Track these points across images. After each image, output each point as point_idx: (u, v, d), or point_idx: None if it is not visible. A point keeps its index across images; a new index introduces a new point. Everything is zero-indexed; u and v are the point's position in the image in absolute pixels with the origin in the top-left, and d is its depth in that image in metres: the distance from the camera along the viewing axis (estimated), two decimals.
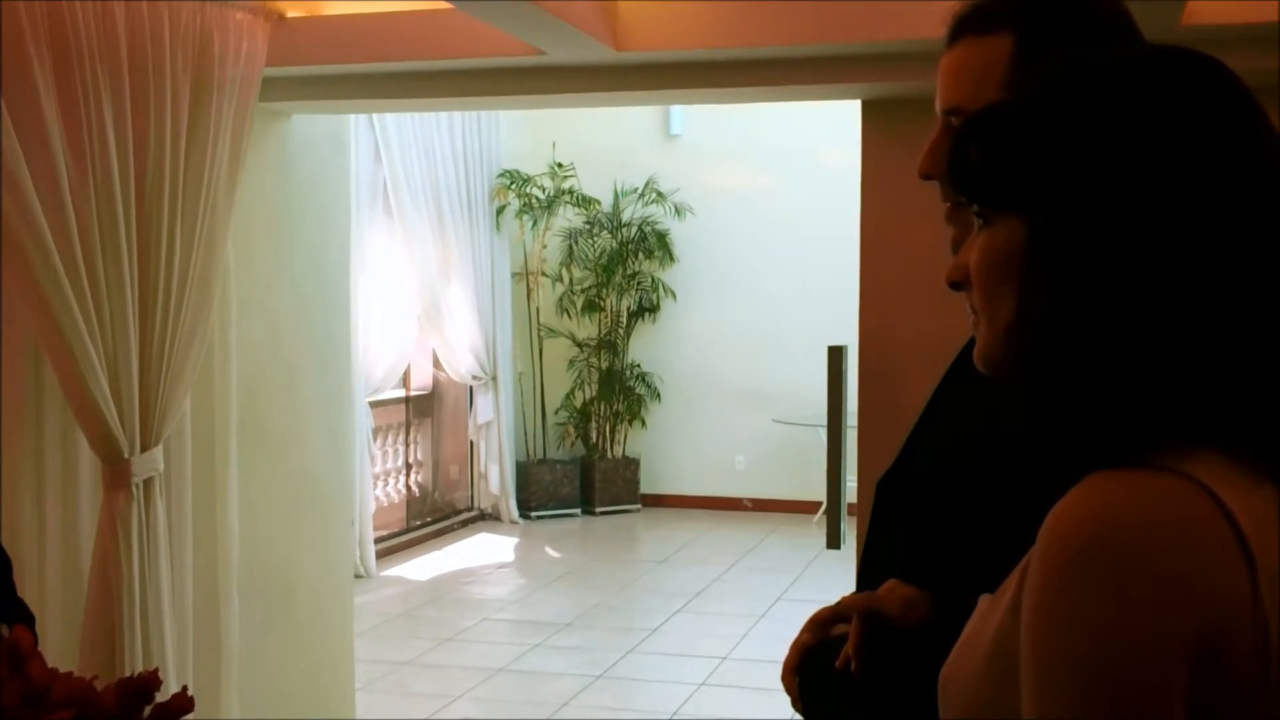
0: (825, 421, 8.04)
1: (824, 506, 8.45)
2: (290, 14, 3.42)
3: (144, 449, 2.83)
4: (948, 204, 1.33)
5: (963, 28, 1.30)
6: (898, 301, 3.41)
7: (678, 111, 8.82)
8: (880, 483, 1.48)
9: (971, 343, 1.49)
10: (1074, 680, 0.78)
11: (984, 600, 0.95)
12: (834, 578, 7.03)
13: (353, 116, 4.60)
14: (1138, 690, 0.77)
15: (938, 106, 1.33)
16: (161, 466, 2.89)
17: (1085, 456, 0.86)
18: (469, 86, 3.53)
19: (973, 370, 1.39)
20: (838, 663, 1.27)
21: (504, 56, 3.34)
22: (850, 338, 3.60)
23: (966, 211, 1.30)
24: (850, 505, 3.68)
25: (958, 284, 0.99)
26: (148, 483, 2.85)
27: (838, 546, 3.69)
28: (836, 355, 3.68)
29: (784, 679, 1.38)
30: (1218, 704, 0.79)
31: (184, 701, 1.25)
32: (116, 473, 2.79)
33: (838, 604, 1.38)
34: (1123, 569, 0.77)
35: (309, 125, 4.00)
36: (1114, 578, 0.77)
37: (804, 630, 1.37)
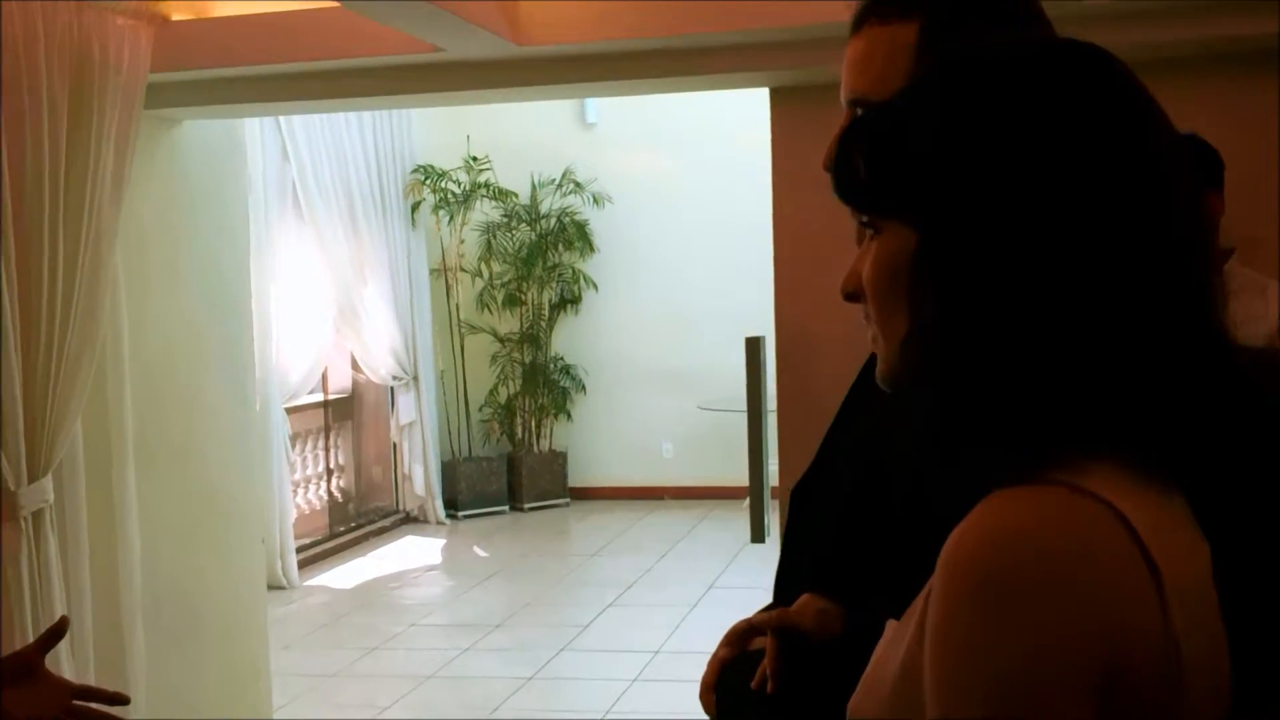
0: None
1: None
2: (176, 16, 3.29)
3: (32, 479, 2.70)
4: None
5: (866, 15, 1.27)
6: (812, 289, 3.38)
7: (593, 100, 8.74)
8: (794, 491, 1.45)
9: None
10: (980, 702, 0.75)
11: (890, 627, 0.93)
12: (766, 563, 7.02)
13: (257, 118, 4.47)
14: (1049, 713, 0.74)
15: (842, 96, 1.30)
16: (52, 497, 2.76)
17: (982, 471, 0.83)
18: (367, 85, 3.43)
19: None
20: (754, 681, 1.25)
21: (401, 54, 3.24)
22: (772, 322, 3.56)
23: None
24: (774, 489, 3.63)
25: (852, 295, 0.94)
26: (37, 514, 2.72)
27: (763, 540, 3.65)
28: (754, 346, 3.64)
29: (702, 695, 1.35)
30: None
31: None
32: (3, 505, 2.66)
33: (752, 618, 1.36)
34: (1027, 596, 0.75)
35: (202, 130, 3.87)
36: (1019, 606, 0.75)
37: (721, 645, 1.35)
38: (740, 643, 1.33)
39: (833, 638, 1.22)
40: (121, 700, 1.62)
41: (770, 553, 5.61)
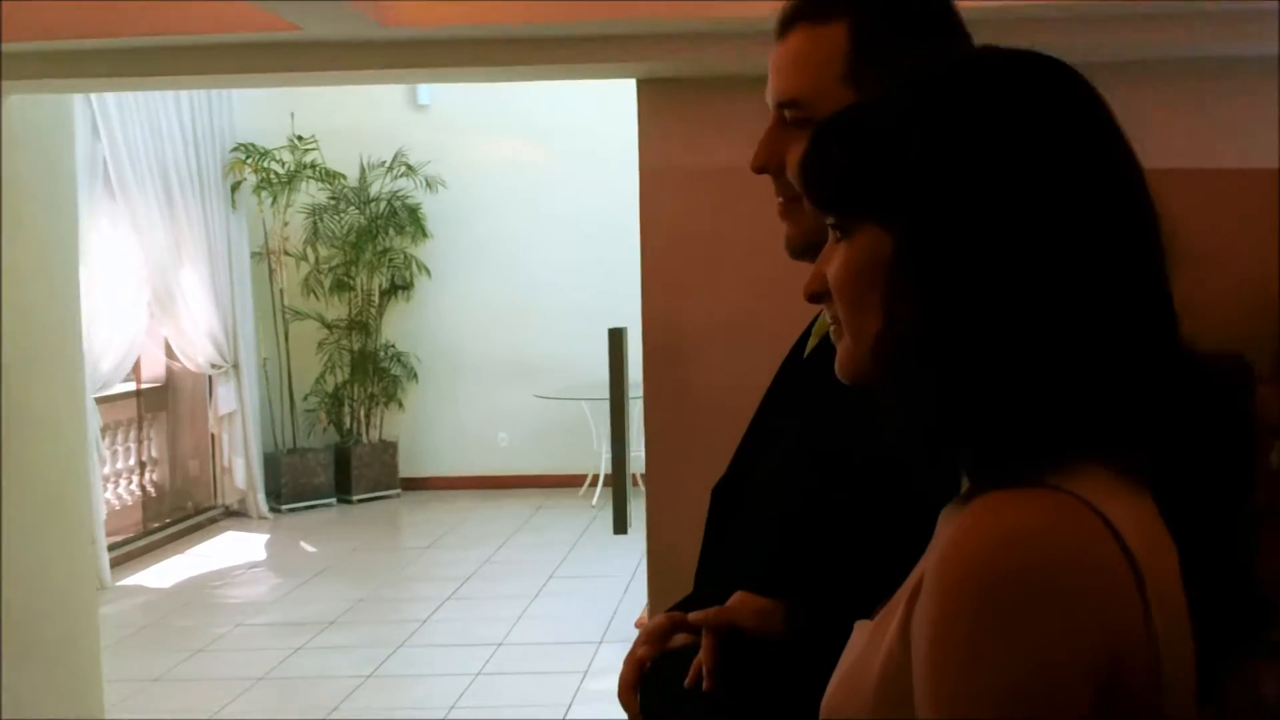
0: (589, 395, 8.06)
1: (589, 480, 8.48)
2: None
3: None
4: (781, 199, 1.31)
5: (795, 17, 1.27)
6: (682, 283, 3.37)
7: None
8: (716, 488, 1.43)
9: (802, 341, 1.46)
10: (984, 715, 0.76)
11: (863, 626, 0.93)
12: (607, 550, 7.04)
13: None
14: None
15: (769, 98, 1.29)
16: None
17: (971, 474, 0.85)
18: (219, 63, 3.23)
19: (811, 372, 1.35)
20: (688, 679, 1.20)
21: (256, 32, 3.07)
22: (612, 308, 3.53)
23: (800, 208, 1.26)
24: (636, 476, 3.61)
25: (817, 295, 0.95)
26: None
27: (625, 531, 3.64)
28: (617, 337, 3.61)
29: (621, 695, 1.32)
30: None
31: None
32: None
33: (672, 614, 1.33)
34: (1031, 603, 0.76)
35: (28, 107, 3.59)
36: (1024, 613, 0.75)
37: (639, 643, 1.31)
38: (660, 641, 1.29)
39: (774, 637, 1.20)
40: None
41: (618, 542, 5.56)
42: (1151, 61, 2.97)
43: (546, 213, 8.68)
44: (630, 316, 4.04)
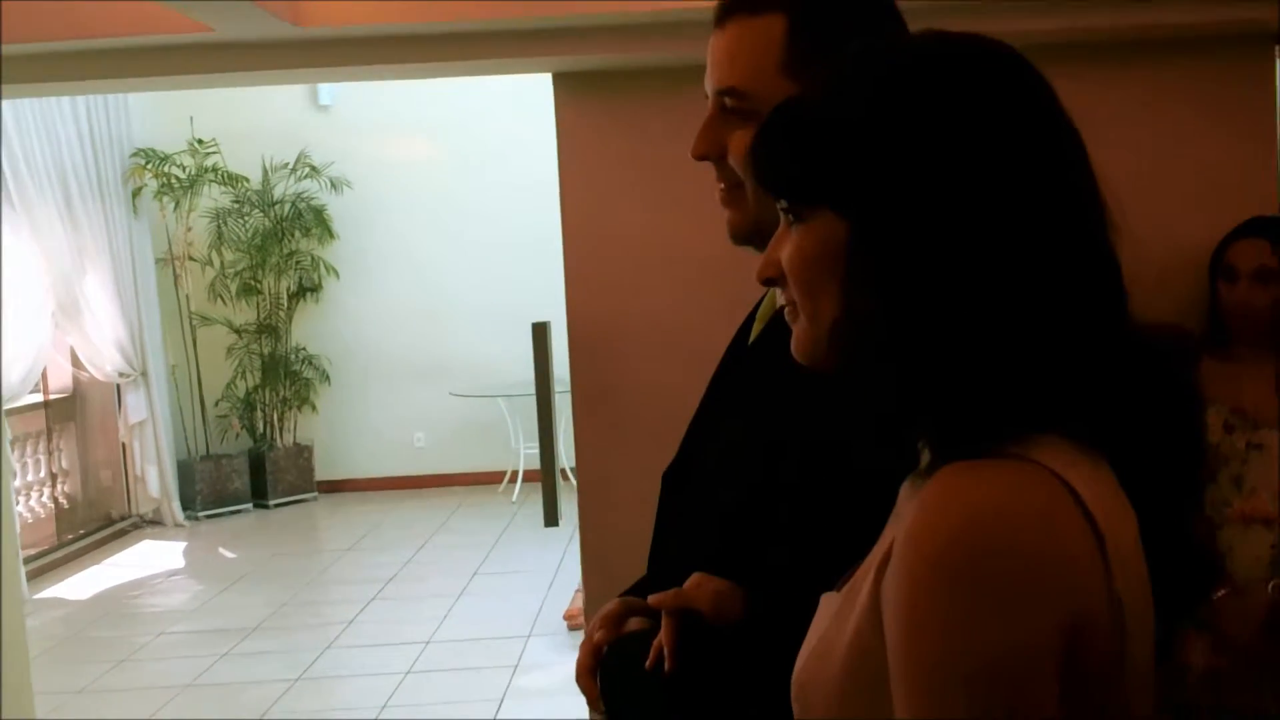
0: (505, 392, 8.04)
1: (507, 477, 8.49)
2: None
3: None
4: (723, 186, 1.32)
5: (733, 8, 1.28)
6: (605, 278, 3.40)
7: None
8: (666, 475, 1.45)
9: (744, 331, 1.50)
10: (963, 687, 0.78)
11: (830, 599, 0.94)
12: (530, 546, 7.07)
13: None
14: (1027, 688, 0.78)
15: (709, 86, 1.30)
16: None
17: (933, 448, 0.87)
18: (126, 67, 3.19)
19: (757, 357, 1.40)
20: (648, 661, 1.22)
21: (166, 34, 3.05)
22: (525, 305, 3.54)
23: (743, 194, 1.30)
24: (564, 472, 3.64)
25: (771, 280, 0.96)
26: None
27: (556, 524, 3.67)
28: (541, 331, 3.63)
29: (580, 679, 1.34)
30: (1084, 687, 0.81)
31: None
32: None
33: (626, 599, 1.36)
34: (996, 569, 0.78)
35: None
36: (990, 579, 0.77)
37: (594, 628, 1.34)
38: (616, 625, 1.32)
39: (732, 617, 1.21)
40: None
41: (541, 537, 5.57)
42: (1091, 44, 3.05)
43: (454, 211, 8.63)
44: (545, 313, 4.06)
